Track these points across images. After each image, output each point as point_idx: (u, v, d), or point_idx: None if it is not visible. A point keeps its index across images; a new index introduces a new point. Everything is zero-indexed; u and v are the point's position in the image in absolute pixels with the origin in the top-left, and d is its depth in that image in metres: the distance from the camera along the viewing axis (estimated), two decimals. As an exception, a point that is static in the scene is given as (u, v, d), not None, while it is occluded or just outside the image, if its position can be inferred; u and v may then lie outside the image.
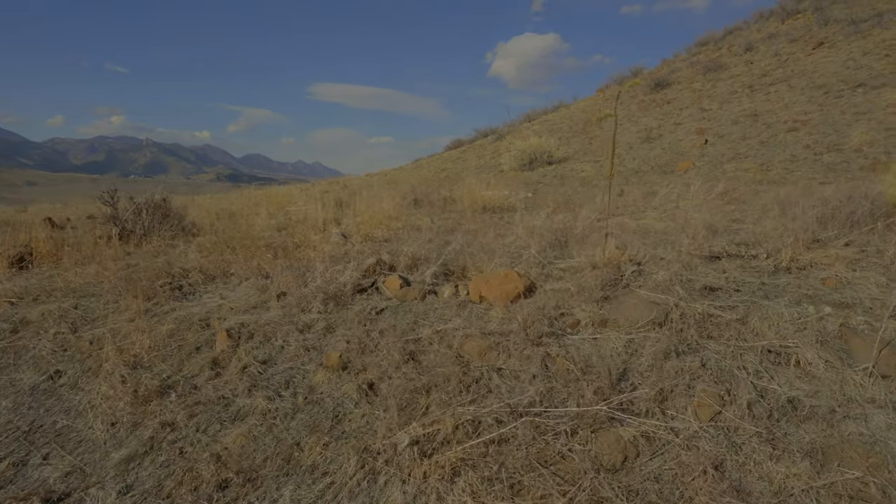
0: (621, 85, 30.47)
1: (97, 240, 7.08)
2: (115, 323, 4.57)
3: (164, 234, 7.12)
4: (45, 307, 4.96)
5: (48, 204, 20.34)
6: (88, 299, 5.14)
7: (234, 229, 7.46)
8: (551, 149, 17.30)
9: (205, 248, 6.22)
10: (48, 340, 4.44)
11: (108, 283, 5.33)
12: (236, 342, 3.95)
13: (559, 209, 8.17)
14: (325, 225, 6.54)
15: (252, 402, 3.35)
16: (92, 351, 4.22)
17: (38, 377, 4.02)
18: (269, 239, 6.67)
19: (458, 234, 6.43)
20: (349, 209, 9.05)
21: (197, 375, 3.74)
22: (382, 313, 4.00)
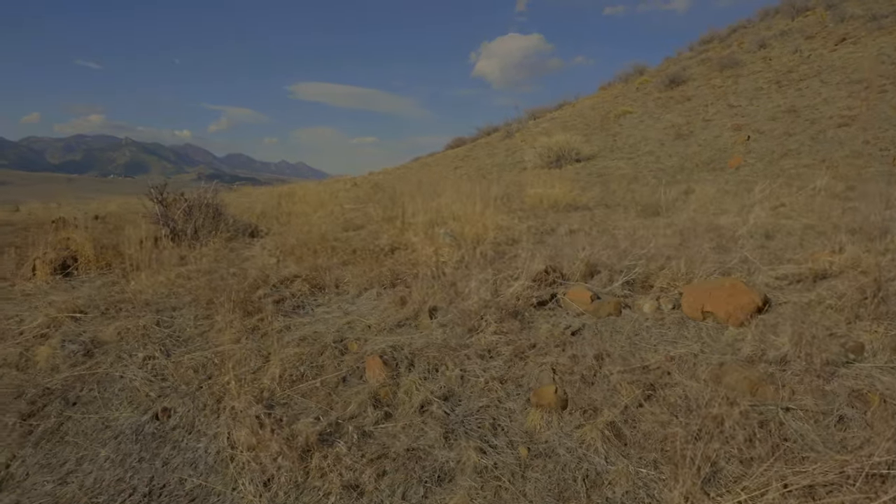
0: (627, 83, 30.02)
1: (142, 242, 6.15)
2: (219, 344, 3.72)
3: (220, 236, 6.22)
4: (120, 324, 4.09)
5: (39, 203, 19.08)
6: (169, 313, 4.27)
7: (299, 230, 6.59)
8: (577, 146, 16.64)
9: (283, 252, 5.36)
10: (137, 367, 3.58)
11: (187, 293, 4.46)
12: (395, 372, 3.14)
13: (645, 208, 7.45)
14: (429, 226, 5.73)
15: (458, 456, 2.55)
16: (200, 381, 3.37)
17: (139, 416, 3.17)
18: (349, 241, 5.83)
19: (563, 234, 5.68)
20: (402, 208, 8.24)
21: (359, 416, 2.93)
22: (580, 334, 3.22)
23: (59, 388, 3.53)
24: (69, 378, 3.59)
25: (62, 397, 3.44)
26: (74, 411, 3.31)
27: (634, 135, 18.42)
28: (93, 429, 3.15)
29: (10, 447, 3.06)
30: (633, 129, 19.20)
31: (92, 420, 3.21)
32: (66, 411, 3.32)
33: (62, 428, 3.20)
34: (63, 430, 3.17)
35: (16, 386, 3.60)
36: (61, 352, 3.85)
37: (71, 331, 4.08)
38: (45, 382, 3.59)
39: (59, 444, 3.08)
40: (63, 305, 4.26)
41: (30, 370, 3.76)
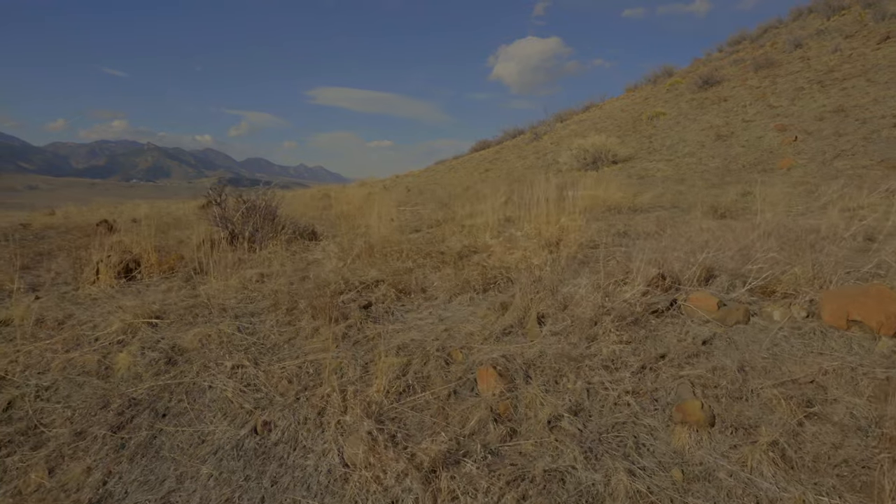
0: (656, 84, 29.63)
1: (201, 245, 5.99)
2: (309, 352, 3.51)
3: (279, 238, 6.04)
4: (199, 330, 3.90)
5: (73, 207, 19.22)
6: (248, 319, 4.08)
7: (357, 233, 6.39)
8: (613, 147, 16.33)
9: (351, 255, 5.15)
10: (226, 376, 3.38)
11: (263, 298, 4.27)
12: (511, 384, 2.90)
13: (712, 209, 7.15)
14: (499, 226, 5.50)
15: (605, 479, 2.31)
16: (297, 392, 3.16)
17: (237, 430, 2.97)
18: (413, 244, 5.61)
19: (640, 237, 5.40)
20: (453, 210, 8.03)
21: (480, 433, 2.69)
22: (712, 343, 2.96)
23: (145, 398, 3.35)
24: (154, 388, 3.41)
25: (150, 408, 3.26)
26: (166, 424, 3.12)
27: (671, 136, 18.06)
28: (188, 443, 2.96)
29: (105, 462, 2.88)
30: (669, 130, 18.84)
31: (186, 433, 3.01)
32: (157, 423, 3.13)
33: (155, 442, 3.01)
34: (157, 444, 2.99)
35: (100, 396, 3.44)
36: (142, 359, 3.68)
37: (148, 337, 3.90)
38: (129, 392, 3.42)
39: (156, 459, 2.90)
40: (138, 311, 4.09)
41: (111, 379, 3.59)
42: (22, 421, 3.39)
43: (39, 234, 10.80)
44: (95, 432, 3.12)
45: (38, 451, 3.09)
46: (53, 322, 4.40)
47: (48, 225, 12.53)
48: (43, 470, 2.95)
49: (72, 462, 2.97)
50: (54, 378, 3.72)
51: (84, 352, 3.91)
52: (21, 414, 3.47)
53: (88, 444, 3.07)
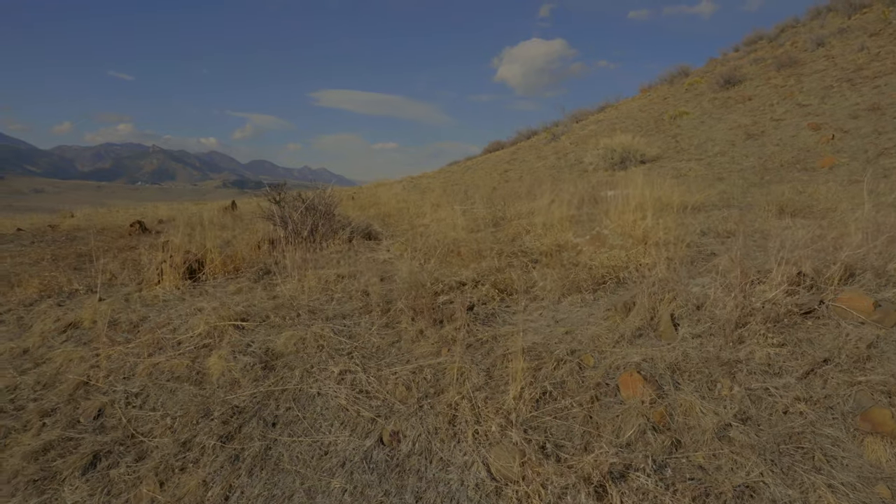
0: (672, 84, 29.41)
1: (258, 244, 5.78)
2: (419, 356, 3.30)
3: (339, 237, 5.82)
4: (291, 333, 3.69)
5: (90, 209, 19.06)
6: (340, 321, 3.87)
7: (417, 232, 6.17)
8: (641, 147, 16.10)
9: (423, 255, 4.93)
10: (334, 382, 3.17)
11: (349, 299, 4.05)
12: (659, 390, 2.67)
13: (781, 207, 6.92)
14: (571, 225, 5.27)
15: (803, 496, 2.09)
16: (418, 400, 2.94)
17: (360, 440, 2.76)
18: (484, 242, 5.39)
19: (718, 236, 5.18)
20: (503, 209, 7.82)
21: (639, 444, 2.47)
22: (878, 346, 2.73)
23: (248, 405, 3.13)
24: (257, 395, 3.19)
25: (257, 417, 3.05)
26: (279, 433, 2.91)
27: (697, 136, 17.83)
28: (310, 454, 2.74)
29: (221, 475, 2.67)
30: (695, 129, 18.61)
31: (304, 444, 2.80)
32: (268, 433, 2.92)
33: (271, 453, 2.80)
34: (274, 456, 2.77)
35: (198, 403, 3.22)
36: (235, 364, 3.46)
37: (237, 340, 3.69)
38: (229, 399, 3.20)
39: (277, 472, 2.68)
40: (222, 313, 3.88)
41: (206, 385, 3.38)
42: (116, 430, 3.19)
43: (70, 235, 10.61)
44: (203, 442, 2.91)
45: (143, 463, 2.88)
46: (128, 325, 4.19)
47: (74, 226, 12.35)
48: (154, 483, 2.74)
49: (183, 475, 2.75)
50: (143, 384, 3.51)
51: (169, 356, 3.70)
52: (114, 422, 3.26)
53: (198, 456, 2.86)
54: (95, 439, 3.10)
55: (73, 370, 3.78)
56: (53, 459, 2.99)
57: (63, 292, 5.30)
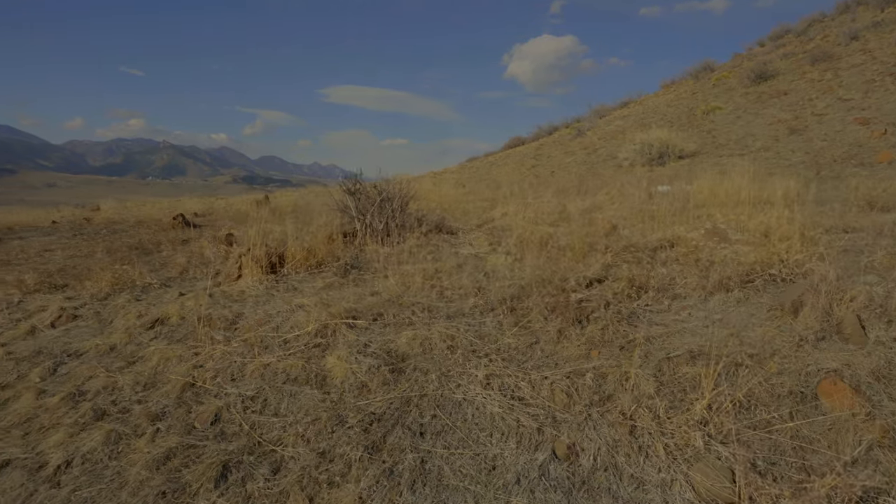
0: (698, 79, 28.96)
1: (331, 238, 5.49)
2: (569, 360, 2.99)
3: (416, 231, 5.53)
4: (411, 333, 3.41)
5: (115, 203, 18.86)
6: (462, 320, 3.60)
7: (495, 225, 5.87)
8: (678, 142, 15.73)
9: (516, 249, 4.63)
10: (480, 387, 2.90)
11: (465, 297, 3.76)
12: (867, 399, 2.35)
13: (869, 203, 6.57)
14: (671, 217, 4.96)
15: None
16: (584, 409, 2.65)
17: (530, 454, 2.51)
18: (574, 236, 5.09)
19: (838, 231, 4.85)
20: (564, 204, 7.52)
21: (868, 464, 2.15)
22: None
23: (386, 412, 2.85)
24: (393, 400, 2.91)
25: (401, 425, 2.76)
26: (430, 444, 2.62)
27: (735, 131, 17.44)
28: (475, 469, 2.45)
29: (381, 492, 2.38)
30: (731, 125, 18.21)
31: (465, 457, 2.51)
32: (419, 444, 2.63)
33: (429, 466, 2.51)
34: (433, 470, 2.48)
35: (327, 409, 2.94)
36: (358, 366, 3.18)
37: (352, 340, 3.41)
38: (362, 405, 2.92)
39: (442, 488, 2.39)
40: (333, 310, 3.59)
41: (330, 389, 3.10)
42: (239, 437, 2.91)
43: (109, 228, 10.38)
44: (347, 454, 2.63)
45: (281, 476, 2.60)
46: (222, 322, 3.92)
47: (109, 219, 12.13)
48: (302, 499, 2.46)
49: (334, 490, 2.47)
50: (257, 386, 3.23)
51: (279, 356, 3.42)
52: (234, 428, 2.99)
53: (344, 469, 2.57)
54: (219, 447, 2.82)
55: (174, 370, 3.51)
56: (178, 469, 2.72)
57: (136, 286, 5.04)
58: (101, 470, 2.83)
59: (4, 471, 2.96)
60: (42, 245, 8.33)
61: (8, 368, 3.95)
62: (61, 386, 3.64)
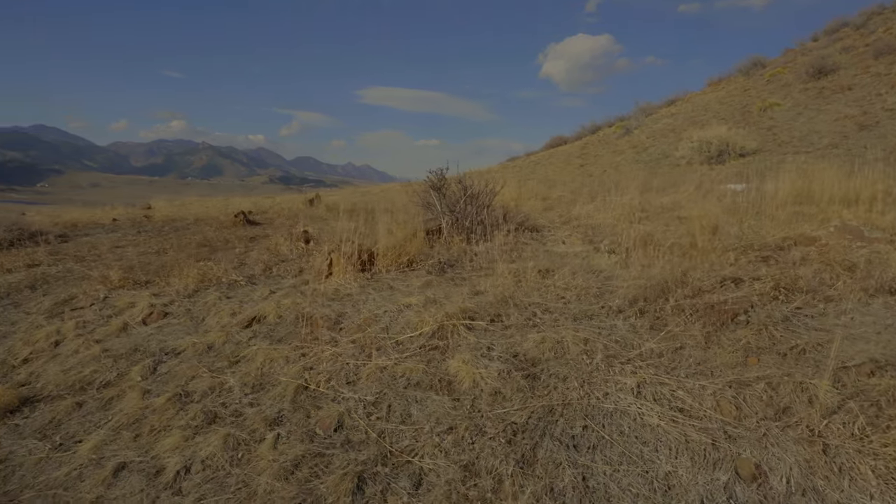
0: (748, 76, 28.06)
1: (413, 236, 5.28)
2: (727, 368, 2.70)
3: (502, 229, 5.28)
4: (537, 336, 3.16)
5: (164, 201, 19.14)
6: (588, 323, 3.32)
7: (580, 223, 5.59)
8: (739, 140, 15.15)
9: (620, 248, 4.34)
10: (630, 395, 2.63)
11: (584, 298, 3.49)
12: None
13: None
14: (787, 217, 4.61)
15: None
16: (758, 423, 2.35)
17: (708, 472, 2.24)
18: (674, 234, 4.77)
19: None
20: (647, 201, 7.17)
21: None
22: None
23: (528, 422, 2.62)
24: (533, 409, 2.67)
25: (549, 436, 2.53)
26: (588, 459, 2.37)
27: (796, 127, 16.74)
28: (647, 488, 2.22)
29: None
30: (792, 121, 17.49)
31: (633, 474, 2.26)
32: (575, 458, 2.39)
33: (593, 484, 2.28)
34: (599, 489, 2.24)
35: (461, 417, 2.72)
36: (486, 371, 2.95)
37: (473, 342, 3.18)
38: (499, 414, 2.69)
39: (621, 511, 2.12)
40: (449, 310, 3.37)
41: (459, 395, 2.88)
42: (367, 446, 2.71)
43: (171, 225, 10.42)
44: (495, 467, 2.40)
45: (427, 491, 2.39)
46: (325, 321, 3.74)
47: (168, 217, 12.22)
48: (456, 519, 2.23)
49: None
50: (377, 391, 3.03)
51: (395, 359, 3.22)
52: (360, 436, 2.78)
53: (495, 484, 2.34)
54: (348, 457, 2.62)
55: (283, 372, 3.33)
56: (309, 479, 2.53)
57: (221, 283, 4.92)
58: (223, 477, 2.66)
59: (121, 474, 2.82)
60: (111, 242, 8.37)
61: (107, 366, 3.85)
62: (165, 386, 3.51)
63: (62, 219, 11.95)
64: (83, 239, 9.04)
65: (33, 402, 3.63)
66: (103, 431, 3.18)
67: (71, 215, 12.86)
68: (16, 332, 4.78)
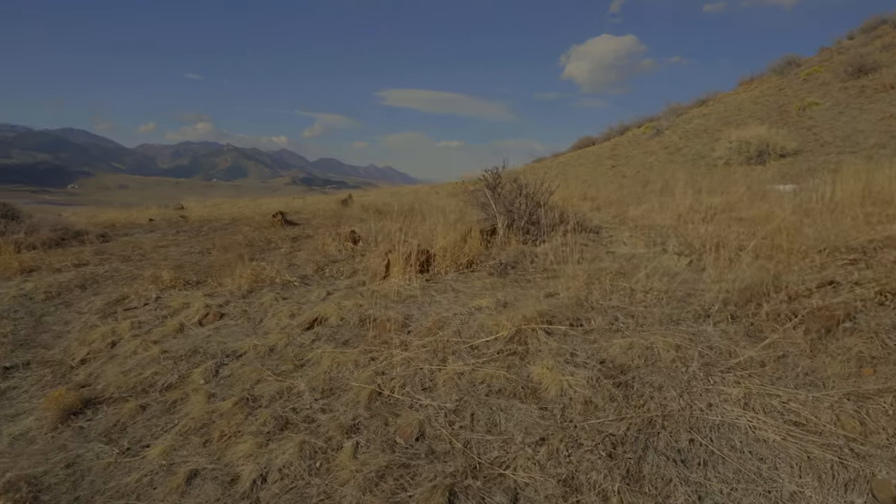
0: (783, 75, 27.42)
1: (467, 236, 5.12)
2: (841, 379, 2.50)
3: (559, 229, 5.11)
4: (623, 341, 3.00)
5: (195, 202, 19.29)
6: (675, 328, 3.13)
7: (639, 224, 5.40)
8: (779, 140, 14.73)
9: (689, 251, 4.14)
10: (737, 406, 2.45)
11: (666, 302, 3.31)
12: None
13: None
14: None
15: None
16: (889, 439, 2.13)
17: (840, 494, 2.02)
18: (742, 235, 4.55)
19: None
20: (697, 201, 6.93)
21: None
22: None
23: (627, 434, 2.45)
24: (632, 421, 2.50)
25: (652, 450, 2.35)
26: (699, 475, 2.19)
27: (838, 127, 16.25)
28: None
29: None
30: (833, 121, 17.00)
31: (753, 494, 2.08)
32: (686, 475, 2.21)
33: (708, 503, 2.07)
34: None
35: (553, 428, 2.57)
36: (573, 378, 2.79)
37: (555, 348, 3.03)
38: (593, 425, 2.53)
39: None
40: (526, 313, 3.22)
41: (546, 405, 2.73)
42: (453, 457, 2.57)
43: (208, 226, 10.42)
44: (599, 483, 2.24)
45: (524, 509, 2.22)
46: (392, 324, 3.61)
47: (204, 217, 12.25)
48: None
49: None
50: (457, 398, 2.89)
51: (472, 364, 3.07)
52: (444, 446, 2.64)
53: (599, 501, 2.17)
54: (434, 468, 2.48)
55: (353, 376, 3.21)
56: (395, 492, 2.40)
57: (275, 283, 4.83)
58: (303, 488, 2.54)
59: (195, 482, 2.72)
60: (152, 242, 8.38)
61: (168, 368, 3.78)
62: (229, 389, 3.42)
63: (98, 219, 12.05)
64: (123, 239, 9.08)
65: (95, 404, 3.56)
66: (171, 436, 3.09)
67: (107, 215, 12.97)
68: (70, 332, 4.75)
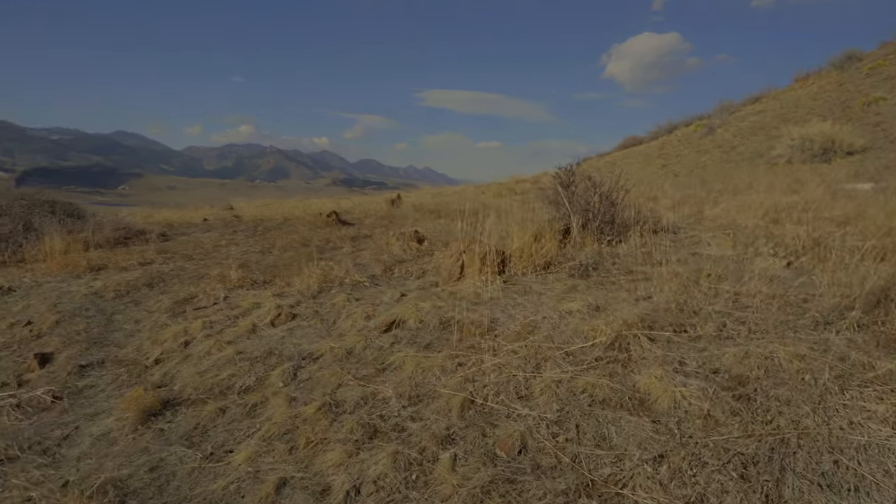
0: (843, 70, 26.22)
1: (539, 236, 4.91)
2: None
3: (634, 230, 4.86)
4: (736, 350, 2.75)
5: (244, 202, 19.55)
6: (788, 335, 2.86)
7: (717, 224, 5.10)
8: (845, 137, 14.01)
9: (791, 252, 3.85)
10: (884, 425, 2.15)
11: (779, 307, 3.04)
12: None
13: None
14: None
15: None
16: None
17: None
18: (831, 236, 4.21)
19: None
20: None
21: None
22: None
23: (758, 454, 2.22)
24: (761, 438, 2.25)
25: (792, 472, 2.12)
26: (841, 499, 1.93)
27: (908, 122, 15.39)
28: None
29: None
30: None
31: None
32: (828, 498, 1.94)
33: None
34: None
35: (670, 443, 2.34)
36: (685, 389, 2.57)
37: (659, 356, 2.81)
38: (717, 442, 2.30)
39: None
40: (626, 317, 3.00)
41: (658, 417, 2.53)
42: (562, 473, 2.38)
43: (262, 226, 10.48)
44: None
45: (652, 535, 2.02)
46: (477, 328, 3.44)
47: (256, 217, 12.35)
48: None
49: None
50: (557, 408, 2.70)
51: (571, 372, 2.88)
52: (549, 461, 2.46)
53: (739, 529, 1.94)
54: (543, 485, 2.30)
55: (441, 382, 3.06)
56: (505, 514, 2.21)
57: (344, 283, 4.73)
58: (401, 502, 2.39)
59: (284, 492, 2.60)
60: (211, 241, 8.44)
61: (244, 370, 3.70)
62: (310, 393, 3.31)
63: (154, 218, 12.30)
64: (181, 238, 9.19)
65: (174, 406, 3.51)
66: (254, 441, 3.00)
67: (162, 215, 13.23)
68: (141, 331, 4.74)
